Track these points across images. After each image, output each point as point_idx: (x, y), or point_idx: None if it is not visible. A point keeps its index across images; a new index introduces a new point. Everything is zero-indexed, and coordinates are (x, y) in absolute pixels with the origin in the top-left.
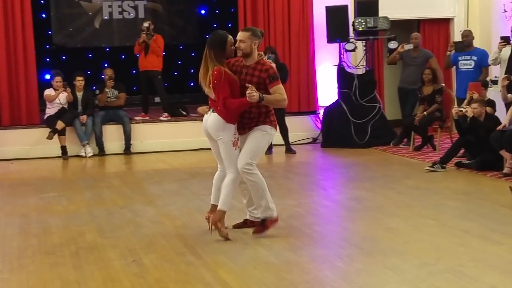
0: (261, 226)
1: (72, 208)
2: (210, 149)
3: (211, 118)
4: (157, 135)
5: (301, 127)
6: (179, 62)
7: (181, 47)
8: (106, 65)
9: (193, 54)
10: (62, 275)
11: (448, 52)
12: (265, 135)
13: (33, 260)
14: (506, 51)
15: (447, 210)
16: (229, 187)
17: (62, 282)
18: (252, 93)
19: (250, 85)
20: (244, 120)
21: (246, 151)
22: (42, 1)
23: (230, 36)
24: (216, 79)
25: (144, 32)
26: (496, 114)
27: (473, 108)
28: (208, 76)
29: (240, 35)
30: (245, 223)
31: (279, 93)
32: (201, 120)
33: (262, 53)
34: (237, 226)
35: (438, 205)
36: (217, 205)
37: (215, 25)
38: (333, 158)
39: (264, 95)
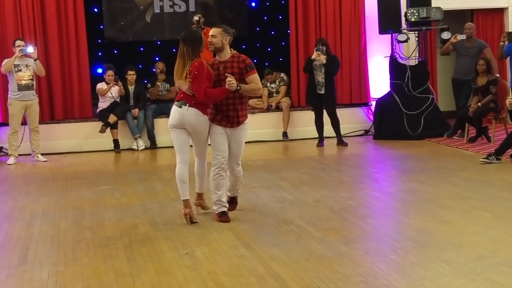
0: (233, 204)
1: (125, 201)
2: (261, 141)
3: (189, 113)
4: None
5: (353, 119)
6: None
7: None
8: (157, 58)
9: (243, 46)
10: (115, 267)
11: (502, 43)
12: (246, 131)
13: (87, 253)
14: None
15: (502, 202)
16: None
17: (115, 275)
18: (232, 81)
19: (229, 74)
20: (230, 112)
21: (239, 153)
22: None
23: None
24: (197, 70)
25: (195, 25)
26: None
27: None
28: (185, 70)
29: (212, 31)
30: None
31: (254, 82)
32: (252, 113)
33: (233, 49)
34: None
35: (493, 197)
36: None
37: (265, 18)
38: (386, 150)
39: (240, 85)
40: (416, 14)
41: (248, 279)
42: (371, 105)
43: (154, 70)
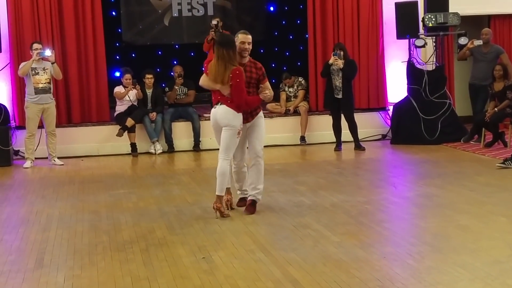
0: (253, 206)
1: (142, 205)
2: (278, 145)
3: (221, 110)
4: None
5: (371, 124)
6: None
7: None
8: (175, 62)
9: (261, 50)
10: (132, 271)
11: None
12: (263, 119)
13: (103, 257)
14: None
15: None
16: (227, 175)
17: (132, 279)
18: (269, 95)
19: (265, 87)
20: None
21: (260, 139)
22: None
23: None
24: (239, 78)
25: (213, 29)
26: None
27: None
28: (227, 74)
29: (248, 38)
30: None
31: (269, 88)
32: (270, 117)
33: None
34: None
35: (509, 202)
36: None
37: (283, 22)
38: (403, 155)
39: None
40: (433, 19)
41: (265, 283)
42: (389, 109)
43: (172, 73)
